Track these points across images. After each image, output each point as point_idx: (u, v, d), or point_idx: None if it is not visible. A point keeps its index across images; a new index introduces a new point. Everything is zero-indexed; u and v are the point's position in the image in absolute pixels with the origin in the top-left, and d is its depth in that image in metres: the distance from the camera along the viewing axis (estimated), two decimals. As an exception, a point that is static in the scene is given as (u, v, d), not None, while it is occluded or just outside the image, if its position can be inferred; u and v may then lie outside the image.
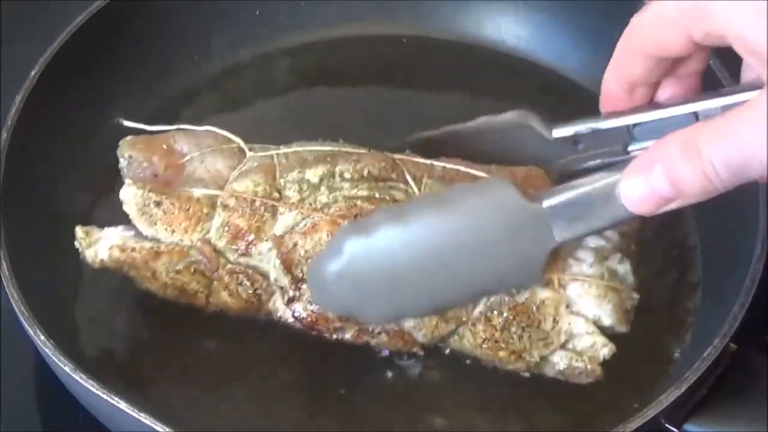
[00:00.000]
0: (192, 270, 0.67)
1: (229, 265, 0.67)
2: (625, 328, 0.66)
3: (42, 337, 0.63)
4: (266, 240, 0.66)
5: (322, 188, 0.67)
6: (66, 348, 0.64)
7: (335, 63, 0.87)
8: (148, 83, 0.82)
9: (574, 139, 0.67)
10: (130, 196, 0.67)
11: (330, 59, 0.87)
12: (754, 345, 0.66)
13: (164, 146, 0.69)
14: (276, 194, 0.67)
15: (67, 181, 0.76)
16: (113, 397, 0.61)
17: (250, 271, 0.67)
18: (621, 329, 0.66)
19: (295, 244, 0.66)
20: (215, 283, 0.67)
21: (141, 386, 0.68)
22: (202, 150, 0.69)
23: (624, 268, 0.67)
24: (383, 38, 0.88)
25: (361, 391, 0.69)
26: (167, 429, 0.59)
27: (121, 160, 0.69)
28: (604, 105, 0.65)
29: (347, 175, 0.67)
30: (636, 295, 0.67)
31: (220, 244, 0.67)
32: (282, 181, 0.68)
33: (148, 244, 0.67)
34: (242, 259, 0.67)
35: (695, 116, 0.61)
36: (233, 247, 0.67)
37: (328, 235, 0.65)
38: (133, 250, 0.67)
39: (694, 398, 0.64)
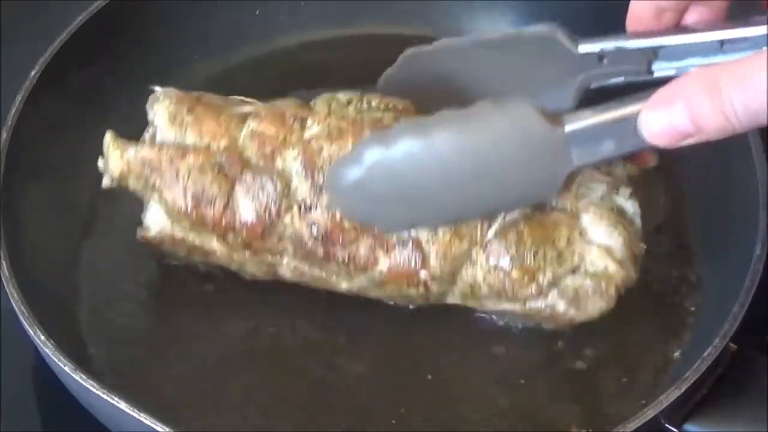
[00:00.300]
0: (216, 170, 0.68)
1: (253, 171, 0.68)
2: (634, 273, 0.67)
3: (42, 337, 0.63)
4: (292, 148, 0.67)
5: (350, 108, 0.69)
6: (66, 348, 0.64)
7: (335, 63, 0.87)
8: (148, 83, 0.82)
9: (600, 56, 0.67)
10: (163, 105, 0.69)
11: (330, 59, 0.87)
12: (754, 345, 0.66)
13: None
14: (307, 109, 0.69)
15: (67, 181, 0.76)
16: (113, 397, 0.61)
17: (274, 176, 0.67)
18: (631, 273, 0.66)
19: (321, 149, 0.67)
20: (236, 188, 0.68)
21: (141, 386, 0.68)
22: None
23: (633, 208, 0.68)
24: (383, 38, 0.88)
25: (363, 390, 0.69)
26: (167, 429, 0.59)
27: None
28: (631, 25, 0.66)
29: (374, 104, 0.69)
30: (643, 246, 0.67)
31: (247, 151, 0.68)
32: (312, 102, 0.70)
33: (176, 145, 0.68)
34: (266, 166, 0.68)
35: (720, 44, 0.62)
36: (259, 153, 0.68)
37: (353, 143, 0.66)
38: (161, 148, 0.68)
39: (694, 398, 0.64)
